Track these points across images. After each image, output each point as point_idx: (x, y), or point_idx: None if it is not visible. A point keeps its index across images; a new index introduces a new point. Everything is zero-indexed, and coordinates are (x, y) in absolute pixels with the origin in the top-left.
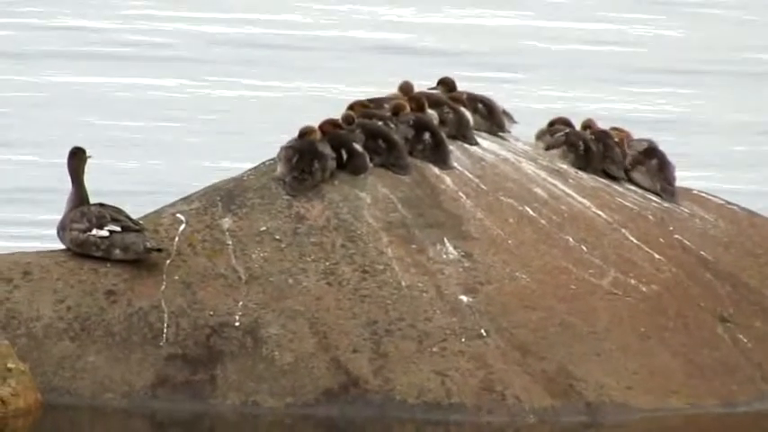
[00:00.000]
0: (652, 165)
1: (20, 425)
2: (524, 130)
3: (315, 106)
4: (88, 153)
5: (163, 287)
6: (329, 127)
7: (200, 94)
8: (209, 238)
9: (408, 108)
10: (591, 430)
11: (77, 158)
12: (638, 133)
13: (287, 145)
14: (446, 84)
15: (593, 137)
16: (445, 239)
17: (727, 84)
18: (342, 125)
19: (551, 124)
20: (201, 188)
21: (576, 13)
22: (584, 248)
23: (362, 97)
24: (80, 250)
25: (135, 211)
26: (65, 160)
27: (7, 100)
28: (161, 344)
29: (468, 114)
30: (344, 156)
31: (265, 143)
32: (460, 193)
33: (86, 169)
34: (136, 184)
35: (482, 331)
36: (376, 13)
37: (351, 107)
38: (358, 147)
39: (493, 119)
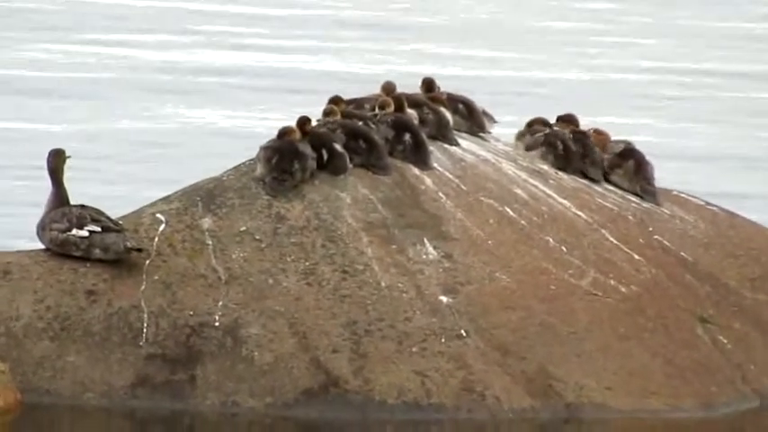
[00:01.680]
0: (629, 166)
1: None
2: None
3: None
4: (67, 153)
5: (143, 287)
6: (341, 105)
7: None
8: (189, 238)
9: (392, 106)
10: (570, 427)
11: (57, 159)
12: None
13: (266, 145)
14: (426, 84)
15: (571, 137)
16: (425, 240)
17: None
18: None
19: (530, 124)
20: (181, 188)
21: None
22: (564, 249)
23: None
24: (60, 250)
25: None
26: None
27: None
28: (141, 344)
29: (447, 115)
30: (325, 155)
31: None
32: (440, 194)
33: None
34: None
35: (462, 331)
36: None
37: (333, 101)
38: (338, 147)
39: (473, 119)
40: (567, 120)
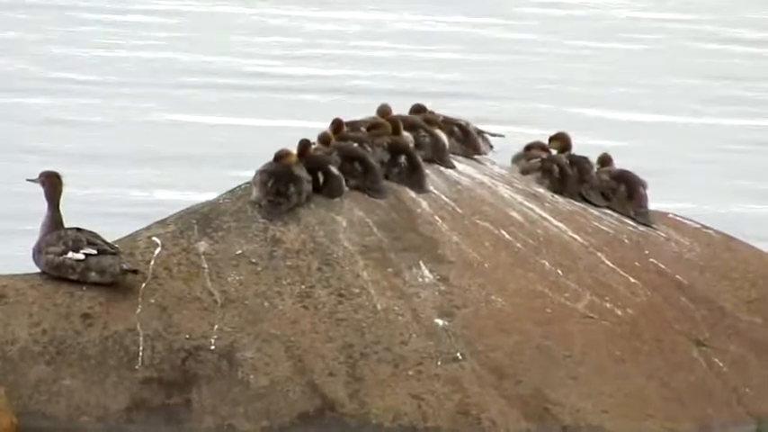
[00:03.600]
0: (621, 191)
1: None
2: None
3: None
4: (61, 180)
5: (138, 310)
6: (338, 128)
7: None
8: (185, 261)
9: (384, 127)
10: None
11: (56, 181)
12: None
13: (262, 169)
14: (416, 109)
15: (568, 161)
16: (421, 263)
17: None
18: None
19: (528, 148)
20: (177, 211)
21: None
22: (560, 272)
23: None
24: (56, 273)
25: None
26: None
27: None
28: (136, 367)
29: (444, 138)
30: (321, 178)
31: None
32: (436, 217)
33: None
34: None
35: (458, 354)
36: None
37: (334, 126)
38: (334, 169)
39: (468, 142)
40: (558, 139)
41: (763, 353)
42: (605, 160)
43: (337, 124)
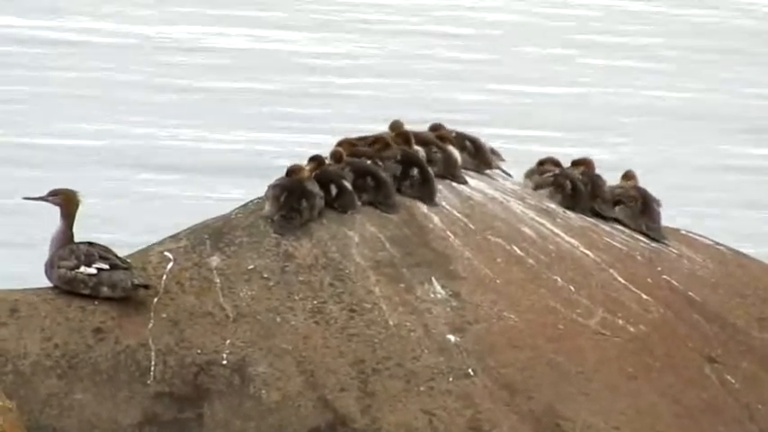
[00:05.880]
0: (634, 204)
1: None
2: None
3: None
4: (79, 197)
5: (150, 325)
6: (348, 146)
7: None
8: (197, 276)
9: (393, 145)
10: None
11: (73, 201)
12: None
13: (274, 183)
14: (433, 126)
15: (581, 177)
16: (433, 279)
17: None
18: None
19: (541, 164)
20: (189, 226)
21: None
22: (572, 288)
23: None
24: (68, 287)
25: None
26: None
27: None
28: (148, 382)
29: (456, 153)
30: (334, 191)
31: None
32: (448, 233)
33: None
34: None
35: (469, 370)
36: None
37: (339, 144)
38: (347, 183)
39: (480, 157)
40: (582, 164)
41: None
42: (629, 176)
43: (341, 143)
